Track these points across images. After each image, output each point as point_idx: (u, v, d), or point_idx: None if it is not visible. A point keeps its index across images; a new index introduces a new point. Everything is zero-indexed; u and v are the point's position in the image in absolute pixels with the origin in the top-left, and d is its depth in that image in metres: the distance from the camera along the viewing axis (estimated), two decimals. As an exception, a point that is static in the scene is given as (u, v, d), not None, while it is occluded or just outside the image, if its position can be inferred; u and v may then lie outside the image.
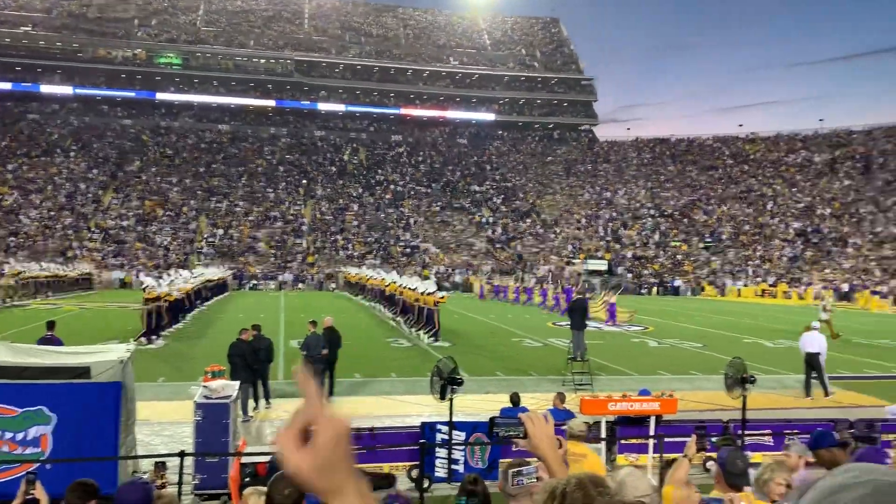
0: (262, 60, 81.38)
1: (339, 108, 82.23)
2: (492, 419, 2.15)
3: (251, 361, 12.72)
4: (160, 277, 28.17)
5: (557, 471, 1.95)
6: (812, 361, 14.86)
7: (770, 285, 52.95)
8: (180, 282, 28.06)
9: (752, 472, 4.12)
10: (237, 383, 10.38)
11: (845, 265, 54.33)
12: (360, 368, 17.10)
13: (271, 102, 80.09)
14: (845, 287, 48.98)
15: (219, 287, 40.43)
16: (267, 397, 13.39)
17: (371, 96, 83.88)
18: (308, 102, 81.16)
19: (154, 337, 21.72)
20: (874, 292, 44.17)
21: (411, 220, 65.42)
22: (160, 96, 77.28)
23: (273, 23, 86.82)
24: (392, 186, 71.09)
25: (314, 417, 1.04)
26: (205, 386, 9.29)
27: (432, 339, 22.34)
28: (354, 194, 68.85)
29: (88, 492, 4.15)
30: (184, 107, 78.48)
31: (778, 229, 62.52)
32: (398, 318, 27.43)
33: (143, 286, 23.47)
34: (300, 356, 13.48)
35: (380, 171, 74.07)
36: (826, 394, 14.75)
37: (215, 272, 41.57)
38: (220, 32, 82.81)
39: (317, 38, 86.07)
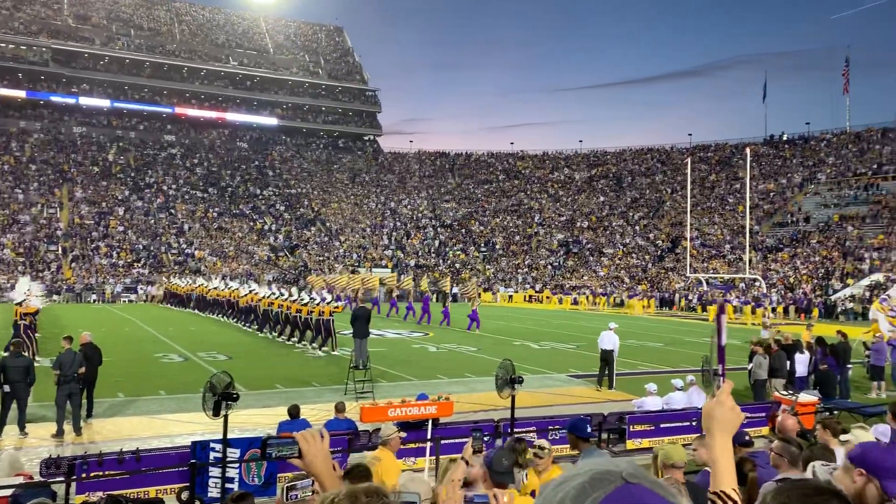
0: (11, 46, 72.43)
1: (104, 103, 75.37)
2: (265, 440, 2.08)
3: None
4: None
5: (331, 488, 1.93)
6: (607, 357, 16.76)
7: (537, 291, 57.40)
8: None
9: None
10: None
11: (601, 273, 60.24)
12: (123, 387, 15.80)
13: (22, 93, 71.31)
14: (600, 291, 54.32)
15: None
16: (21, 425, 11.87)
17: (141, 93, 77.94)
18: (67, 95, 73.59)
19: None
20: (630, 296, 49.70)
21: (185, 226, 61.78)
22: None
23: (25, 5, 77.59)
24: (164, 189, 66.68)
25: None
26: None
27: (328, 349, 22.36)
28: (120, 197, 63.54)
29: None
30: None
31: (544, 240, 67.87)
32: (267, 332, 26.95)
33: (19, 301, 21.48)
34: (53, 375, 12.11)
35: (150, 172, 69.07)
36: (611, 386, 16.71)
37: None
38: (-44, 9, 72.52)
39: (78, 27, 78.34)
